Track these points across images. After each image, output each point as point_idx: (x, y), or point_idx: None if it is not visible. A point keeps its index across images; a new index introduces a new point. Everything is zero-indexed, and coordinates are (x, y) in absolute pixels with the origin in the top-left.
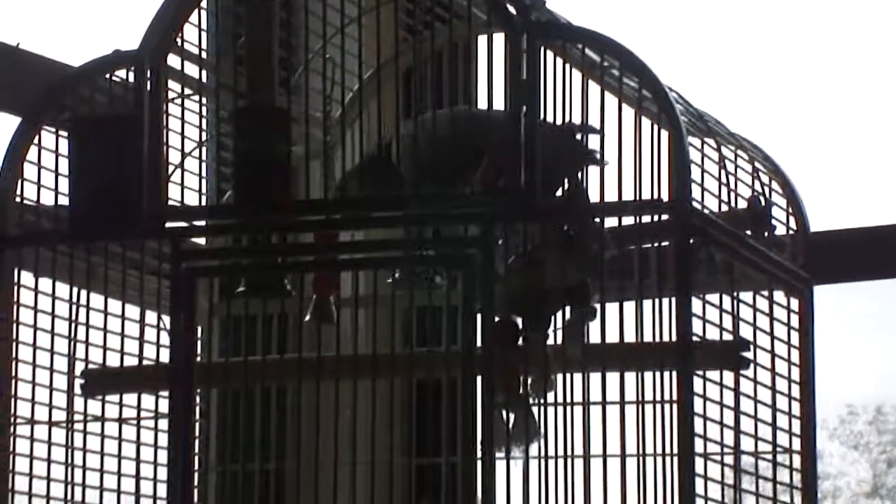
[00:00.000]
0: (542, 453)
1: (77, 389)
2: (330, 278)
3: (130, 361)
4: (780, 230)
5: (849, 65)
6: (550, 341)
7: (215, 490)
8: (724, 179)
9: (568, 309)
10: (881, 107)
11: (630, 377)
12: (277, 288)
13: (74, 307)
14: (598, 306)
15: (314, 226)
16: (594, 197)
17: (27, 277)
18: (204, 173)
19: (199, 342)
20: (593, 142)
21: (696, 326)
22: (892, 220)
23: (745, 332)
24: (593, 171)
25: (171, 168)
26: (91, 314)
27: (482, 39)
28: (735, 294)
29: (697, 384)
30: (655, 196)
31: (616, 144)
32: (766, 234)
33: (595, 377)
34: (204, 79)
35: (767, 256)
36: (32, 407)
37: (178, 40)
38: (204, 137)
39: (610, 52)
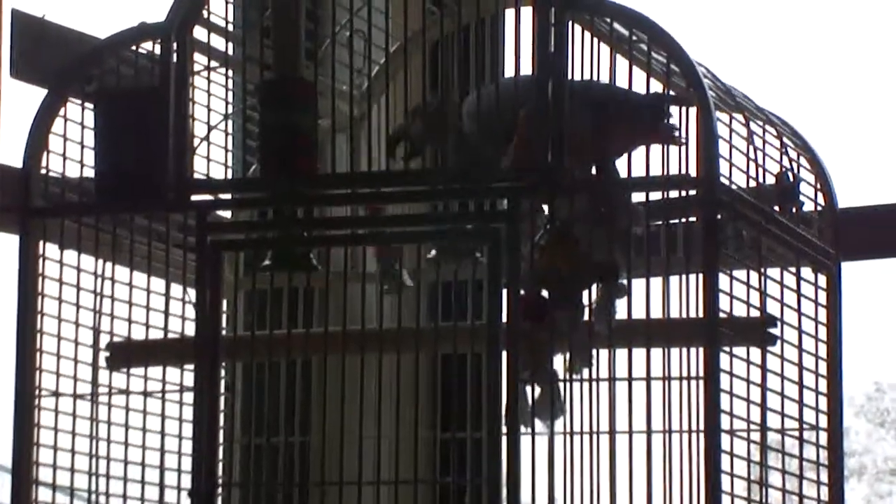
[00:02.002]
0: (568, 429)
1: (102, 362)
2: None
3: (155, 335)
4: (808, 206)
5: (878, 42)
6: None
7: (240, 463)
8: (752, 155)
9: (596, 285)
10: None
11: (657, 353)
12: (303, 261)
13: (99, 280)
14: (626, 283)
15: (340, 199)
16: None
17: (52, 250)
18: (230, 146)
19: (224, 315)
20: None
21: (724, 302)
22: None
23: (773, 308)
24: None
25: (196, 141)
26: (116, 287)
27: (510, 13)
28: (762, 270)
29: (724, 360)
30: (683, 171)
31: None
32: (793, 210)
33: (622, 353)
34: (230, 51)
35: (795, 232)
36: (57, 380)
37: (205, 13)
38: (230, 110)
39: (638, 27)
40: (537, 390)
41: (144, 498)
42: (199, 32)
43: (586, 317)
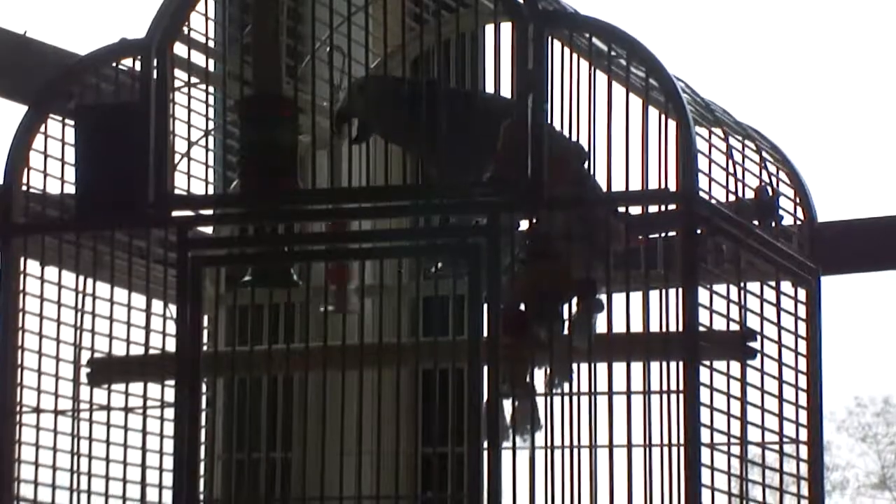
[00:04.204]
0: (549, 443)
1: (83, 378)
2: (342, 267)
3: (136, 350)
4: (788, 220)
5: (857, 56)
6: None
7: (221, 479)
8: (731, 169)
9: (575, 300)
10: (888, 98)
11: (636, 367)
12: (284, 277)
13: (80, 296)
14: (604, 298)
15: (320, 215)
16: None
17: (33, 266)
18: (210, 162)
19: (205, 331)
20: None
21: (703, 316)
22: None
23: (752, 322)
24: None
25: (177, 157)
26: (97, 303)
27: (489, 28)
28: (742, 284)
29: (704, 374)
30: (662, 186)
31: (623, 134)
32: (773, 224)
33: (601, 367)
34: (210, 68)
35: (774, 246)
36: (38, 395)
37: (185, 29)
38: (210, 126)
39: (617, 42)
40: (516, 404)
41: None
42: (180, 49)
43: (566, 331)
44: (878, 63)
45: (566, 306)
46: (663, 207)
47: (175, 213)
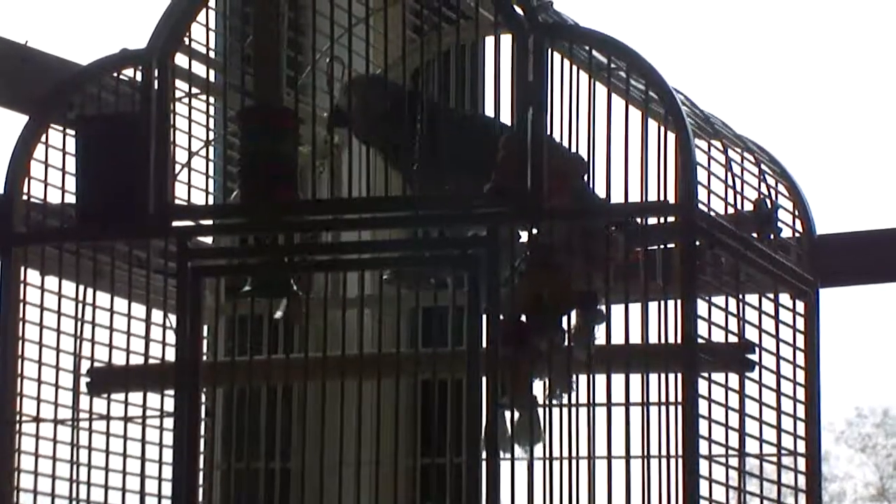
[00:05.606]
0: (548, 454)
1: (83, 388)
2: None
3: (136, 360)
4: (786, 232)
5: (856, 70)
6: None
7: (220, 489)
8: (730, 182)
9: (575, 311)
10: (888, 111)
11: (635, 379)
12: (283, 287)
13: (80, 305)
14: (604, 309)
15: (320, 225)
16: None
17: (33, 275)
18: (211, 172)
19: (204, 341)
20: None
21: (702, 328)
22: None
23: (751, 334)
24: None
25: (177, 167)
26: (97, 312)
27: (489, 40)
28: (740, 296)
29: (702, 386)
30: (662, 198)
31: (623, 146)
32: (771, 236)
33: (600, 378)
34: (211, 78)
35: (773, 259)
36: (38, 405)
37: (186, 39)
38: (211, 137)
39: (617, 54)
40: (516, 415)
41: None
42: (181, 59)
43: (566, 342)
44: (876, 78)
45: (566, 317)
46: (662, 219)
47: (175, 224)
